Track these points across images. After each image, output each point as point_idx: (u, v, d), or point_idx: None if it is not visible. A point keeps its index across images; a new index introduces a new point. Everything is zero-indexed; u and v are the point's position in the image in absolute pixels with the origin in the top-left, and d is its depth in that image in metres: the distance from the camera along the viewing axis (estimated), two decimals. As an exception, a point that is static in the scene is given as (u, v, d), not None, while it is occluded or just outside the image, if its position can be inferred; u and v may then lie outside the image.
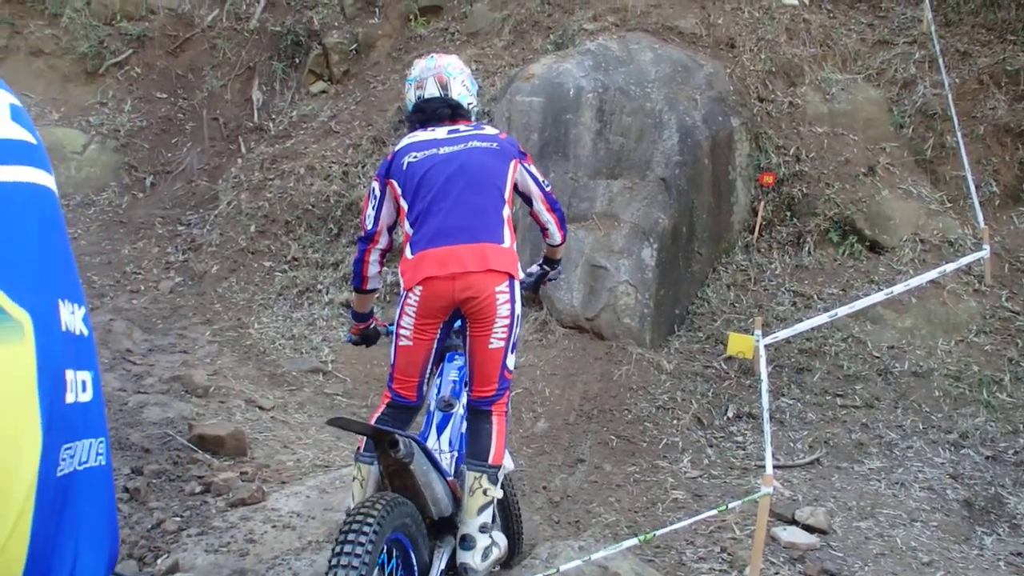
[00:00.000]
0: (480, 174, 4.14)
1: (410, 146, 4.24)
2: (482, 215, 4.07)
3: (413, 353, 4.10)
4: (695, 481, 7.01)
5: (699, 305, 9.38)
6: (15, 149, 1.20)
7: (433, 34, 13.11)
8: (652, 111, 9.56)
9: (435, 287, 3.97)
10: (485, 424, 4.11)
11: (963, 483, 6.99)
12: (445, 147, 4.19)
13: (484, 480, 4.02)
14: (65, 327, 1.12)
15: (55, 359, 1.10)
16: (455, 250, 3.97)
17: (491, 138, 4.28)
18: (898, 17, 12.02)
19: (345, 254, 10.12)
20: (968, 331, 8.77)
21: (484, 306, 3.98)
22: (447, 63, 4.47)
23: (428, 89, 4.40)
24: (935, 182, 10.30)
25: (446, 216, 4.02)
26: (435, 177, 4.10)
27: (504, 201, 4.18)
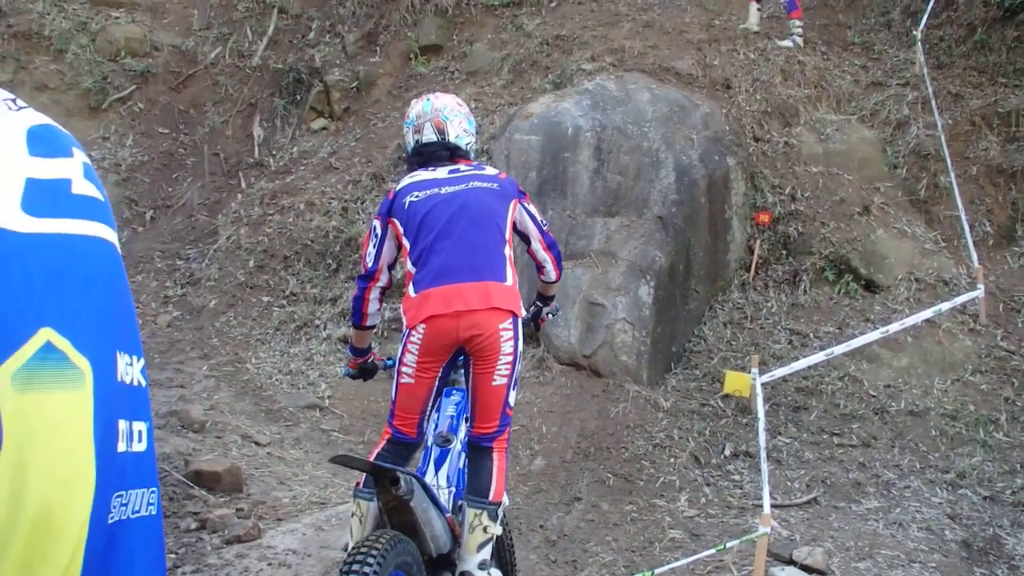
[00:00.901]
0: (481, 213, 4.17)
1: (411, 186, 4.28)
2: (485, 253, 4.11)
3: (415, 390, 4.11)
4: (692, 520, 7.01)
5: (696, 343, 9.41)
6: (87, 205, 1.27)
7: (433, 72, 13.22)
8: (649, 150, 9.65)
9: (439, 325, 3.99)
10: (486, 461, 4.11)
11: (961, 523, 6.99)
12: (446, 187, 4.22)
13: (484, 517, 4.01)
14: (121, 378, 1.15)
15: (110, 408, 1.14)
16: (459, 288, 4.00)
17: (491, 178, 4.33)
18: (891, 59, 12.15)
19: (343, 289, 10.15)
20: (964, 370, 8.80)
21: (488, 344, 4.00)
22: (443, 106, 4.48)
23: (425, 134, 4.43)
24: (929, 222, 10.37)
25: (449, 255, 4.05)
26: (437, 216, 4.13)
27: (505, 240, 4.21)
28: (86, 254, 1.21)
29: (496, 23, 13.73)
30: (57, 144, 1.34)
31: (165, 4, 14.56)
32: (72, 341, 1.14)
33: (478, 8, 13.95)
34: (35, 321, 1.12)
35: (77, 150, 1.32)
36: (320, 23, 14.25)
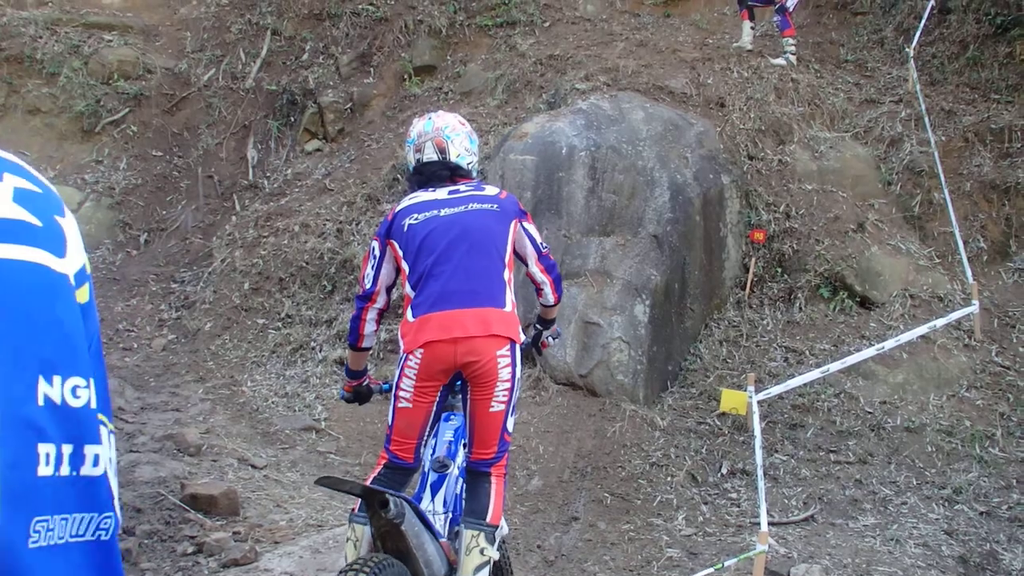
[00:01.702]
0: (482, 237, 4.15)
1: (411, 207, 4.25)
2: (484, 279, 4.09)
3: (412, 415, 4.08)
4: (690, 539, 7.00)
5: (692, 361, 9.41)
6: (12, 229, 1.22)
7: (427, 93, 13.26)
8: (644, 169, 9.67)
9: (436, 351, 3.97)
10: (484, 484, 4.10)
11: (958, 539, 6.99)
12: (446, 208, 4.20)
13: (482, 539, 3.98)
14: (45, 400, 1.13)
15: (22, 430, 1.11)
16: (457, 314, 3.99)
17: (491, 199, 4.30)
18: (884, 77, 12.22)
19: (339, 311, 10.15)
20: (959, 386, 8.81)
21: (486, 370, 3.98)
22: (444, 124, 4.44)
23: (426, 153, 4.38)
24: (923, 238, 10.40)
25: (448, 280, 4.04)
26: (436, 240, 4.10)
27: (504, 264, 4.20)
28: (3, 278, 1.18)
29: (490, 43, 13.79)
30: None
31: (158, 27, 14.61)
32: None
33: (472, 28, 14.02)
34: None
35: (8, 174, 1.30)
36: (314, 45, 14.28)
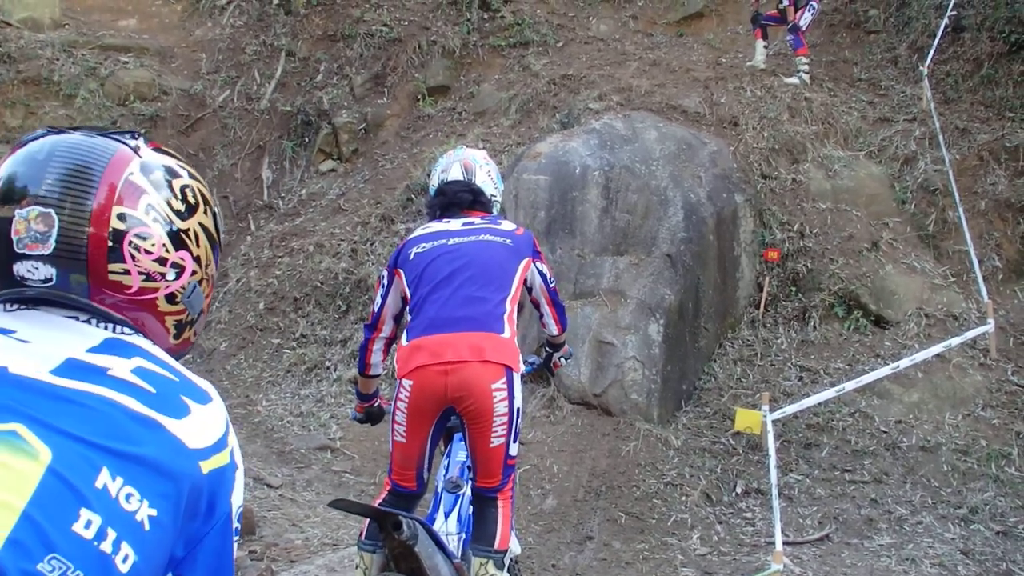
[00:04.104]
0: (486, 269, 4.06)
1: (420, 237, 4.22)
2: (482, 306, 3.97)
3: (407, 450, 4.02)
4: (705, 559, 6.98)
5: (706, 380, 9.39)
6: (125, 386, 1.41)
7: (441, 113, 13.32)
8: (657, 188, 9.69)
9: (426, 379, 3.85)
10: (491, 509, 4.01)
11: (974, 559, 6.95)
12: (455, 238, 4.15)
13: (490, 566, 3.92)
14: (103, 487, 1.26)
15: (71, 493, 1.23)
16: (450, 338, 3.87)
17: (506, 234, 4.22)
18: (898, 95, 12.22)
19: (353, 331, 10.18)
20: (975, 405, 8.77)
21: (478, 407, 3.84)
22: (474, 154, 4.50)
23: (452, 173, 4.40)
24: (938, 257, 10.38)
25: (443, 305, 3.95)
26: (439, 267, 4.05)
27: (507, 295, 4.07)
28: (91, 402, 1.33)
29: (503, 63, 13.85)
30: None
31: (173, 48, 14.71)
32: (38, 435, 1.24)
33: (485, 49, 14.09)
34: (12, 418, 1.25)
35: (139, 358, 1.50)
36: (328, 66, 14.37)
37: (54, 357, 1.38)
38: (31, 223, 1.45)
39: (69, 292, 1.48)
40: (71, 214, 1.46)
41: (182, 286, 1.61)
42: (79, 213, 1.46)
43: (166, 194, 1.58)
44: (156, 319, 1.60)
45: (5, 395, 1.29)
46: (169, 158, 1.65)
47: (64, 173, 1.48)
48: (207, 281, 1.68)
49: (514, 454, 4.01)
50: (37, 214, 1.45)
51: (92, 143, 1.54)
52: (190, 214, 1.61)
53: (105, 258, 1.49)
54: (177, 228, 1.58)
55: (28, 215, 1.45)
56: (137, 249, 1.52)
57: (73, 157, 1.50)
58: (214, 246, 1.69)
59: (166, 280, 1.57)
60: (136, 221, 1.52)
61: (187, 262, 1.60)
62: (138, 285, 1.53)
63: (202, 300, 1.69)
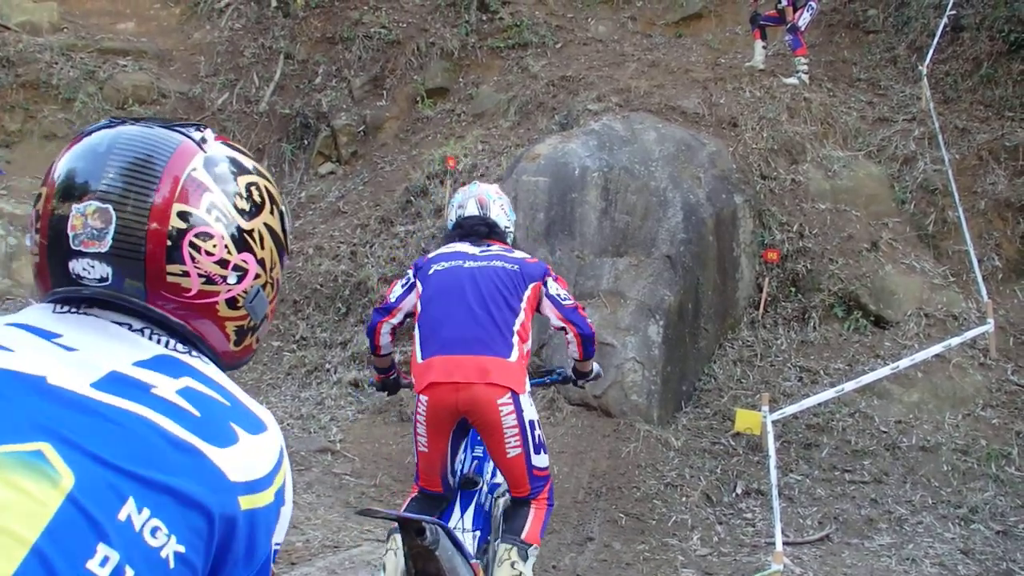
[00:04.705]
0: (495, 291, 4.30)
1: (441, 256, 4.51)
2: (491, 328, 4.20)
3: (430, 458, 4.29)
4: (705, 559, 6.98)
5: (706, 381, 9.39)
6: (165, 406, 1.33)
7: (440, 115, 13.34)
8: (656, 189, 9.69)
9: (439, 395, 4.13)
10: (524, 508, 4.30)
11: (974, 558, 6.95)
12: (470, 261, 4.41)
13: (514, 553, 4.15)
14: (126, 519, 1.18)
15: (90, 526, 1.15)
16: (459, 360, 4.13)
17: (516, 261, 4.47)
18: (897, 95, 12.23)
19: (353, 333, 10.18)
20: (975, 405, 8.77)
21: (488, 420, 4.12)
22: (487, 189, 4.76)
23: (468, 209, 4.65)
24: (938, 257, 10.38)
25: (455, 326, 4.21)
26: (452, 287, 4.32)
27: (516, 317, 4.30)
28: (128, 422, 1.26)
29: (502, 65, 13.87)
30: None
31: (172, 52, 14.74)
32: (64, 458, 1.17)
33: (484, 50, 14.11)
34: (40, 436, 1.19)
35: (189, 378, 1.40)
36: (326, 68, 14.39)
37: (98, 369, 1.31)
38: (88, 219, 1.39)
39: (124, 294, 1.42)
40: (130, 211, 1.40)
41: (244, 290, 1.53)
42: (138, 210, 1.40)
43: (231, 191, 1.51)
44: (215, 325, 1.52)
45: (38, 409, 1.22)
46: (236, 152, 1.58)
47: (123, 167, 1.42)
48: (271, 285, 1.60)
49: (541, 465, 4.29)
50: (94, 209, 1.39)
51: (154, 135, 1.48)
52: (255, 214, 1.54)
53: (164, 258, 1.42)
54: (241, 228, 1.51)
55: (85, 210, 1.39)
56: (197, 250, 1.45)
57: (133, 150, 1.44)
58: (280, 248, 1.61)
59: (227, 283, 1.50)
60: (198, 220, 1.45)
61: (250, 265, 1.53)
62: (197, 288, 1.46)
63: (266, 305, 1.61)
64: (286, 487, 1.43)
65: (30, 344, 1.33)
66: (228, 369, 1.57)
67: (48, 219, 1.42)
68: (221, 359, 1.55)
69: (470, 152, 11.76)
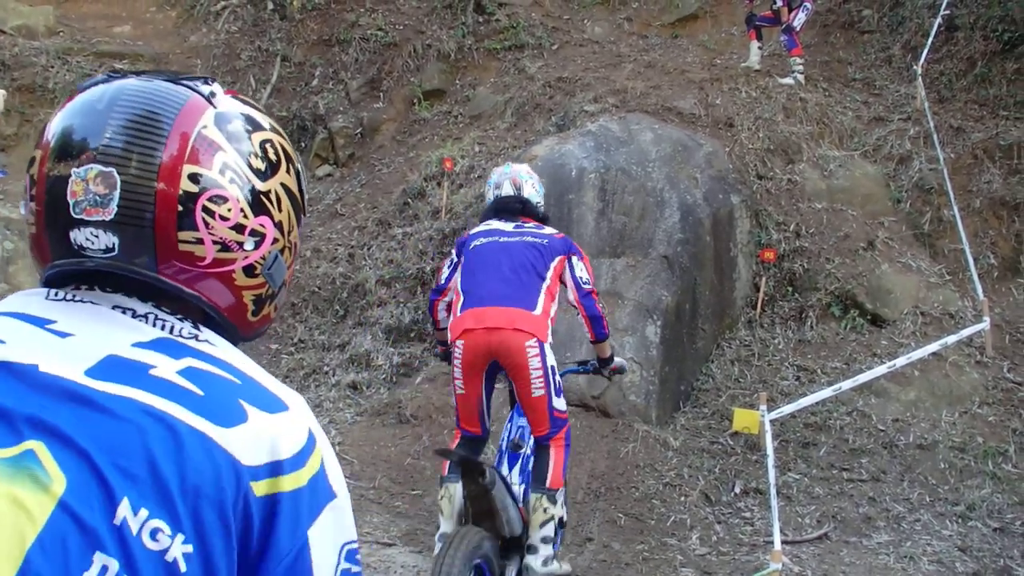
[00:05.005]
0: (524, 259, 5.07)
1: (480, 232, 5.32)
2: (518, 286, 4.97)
3: (467, 399, 5.10)
4: (704, 559, 7.01)
5: (704, 381, 9.42)
6: (167, 388, 1.21)
7: (437, 117, 13.36)
8: (653, 190, 9.72)
9: (472, 339, 4.92)
10: (544, 455, 5.06)
11: (972, 556, 6.98)
12: (505, 237, 5.20)
13: (544, 500, 4.99)
14: (123, 522, 1.09)
15: (84, 534, 1.07)
16: (490, 310, 4.92)
17: (545, 236, 5.24)
18: (892, 94, 12.27)
19: (351, 336, 10.20)
20: (971, 403, 8.81)
21: (516, 362, 4.88)
22: (520, 169, 5.53)
23: (504, 189, 5.42)
24: (934, 255, 10.42)
25: (487, 284, 5.01)
26: (488, 257, 5.12)
27: (542, 280, 5.05)
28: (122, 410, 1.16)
29: (499, 66, 13.90)
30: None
31: (168, 55, 14.73)
32: (56, 457, 1.09)
33: (480, 52, 14.13)
34: (31, 434, 1.10)
35: (192, 358, 1.28)
36: (323, 70, 14.41)
37: (94, 354, 1.21)
38: (90, 184, 1.26)
39: (132, 265, 1.29)
40: (135, 174, 1.27)
41: (262, 256, 1.40)
42: (145, 173, 1.27)
43: (245, 150, 1.38)
44: (232, 294, 1.39)
45: (29, 402, 1.13)
46: (248, 107, 1.46)
47: (126, 126, 1.29)
48: (289, 249, 1.47)
49: (560, 407, 5.06)
50: (96, 174, 1.26)
51: (159, 89, 1.34)
52: (271, 173, 1.41)
53: (175, 225, 1.29)
54: (257, 190, 1.38)
55: (86, 175, 1.27)
56: (211, 215, 1.32)
57: (137, 106, 1.30)
58: (297, 209, 1.48)
59: (244, 250, 1.37)
60: (211, 182, 1.32)
61: (268, 229, 1.40)
62: (212, 256, 1.33)
63: (284, 271, 1.48)
64: (328, 475, 1.29)
65: (22, 333, 1.24)
66: (246, 340, 1.48)
67: (45, 185, 1.30)
68: (238, 330, 1.44)
69: (467, 154, 11.79)
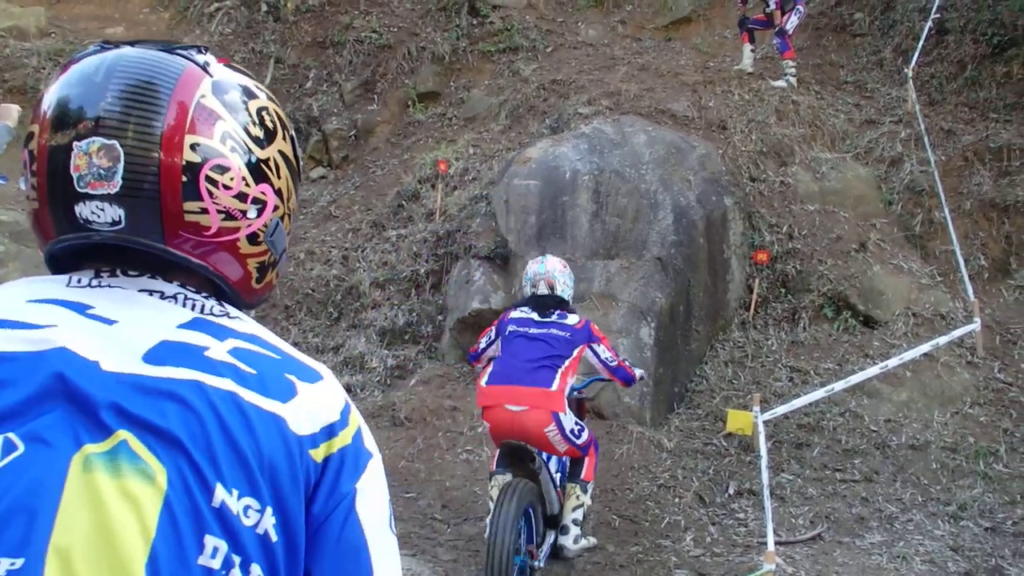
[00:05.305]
0: (549, 350, 5.85)
1: (515, 320, 6.09)
2: (538, 371, 5.76)
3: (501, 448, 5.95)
4: (698, 560, 7.04)
5: (698, 383, 9.47)
6: (224, 368, 1.25)
7: (431, 119, 13.39)
8: (647, 192, 9.76)
9: (493, 417, 5.78)
10: (581, 461, 6.16)
11: (964, 555, 7.03)
12: (534, 328, 5.98)
13: (577, 489, 6.13)
14: (221, 504, 1.14)
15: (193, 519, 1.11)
16: (507, 389, 5.74)
17: (568, 328, 6.00)
18: (883, 97, 12.33)
19: (345, 338, 10.22)
20: (963, 403, 8.87)
21: (537, 441, 5.72)
22: (553, 268, 6.27)
23: (540, 289, 6.19)
24: (925, 257, 10.49)
25: (509, 366, 5.83)
26: (518, 343, 5.93)
27: (560, 366, 5.83)
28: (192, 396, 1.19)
29: (493, 69, 13.93)
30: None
31: (163, 57, 14.72)
32: (148, 447, 1.13)
33: (475, 54, 14.17)
34: (117, 424, 1.13)
35: (234, 339, 1.32)
36: (317, 72, 14.43)
37: (145, 340, 1.24)
38: (93, 157, 1.26)
39: (140, 236, 1.30)
40: (138, 146, 1.27)
41: (264, 224, 1.41)
42: (147, 144, 1.27)
43: (243, 119, 1.38)
44: (238, 262, 1.40)
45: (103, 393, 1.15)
46: (241, 75, 1.44)
47: (126, 96, 1.29)
48: (289, 216, 1.49)
49: (582, 442, 5.94)
50: (99, 147, 1.26)
51: (155, 58, 1.33)
52: (269, 141, 1.41)
53: (180, 195, 1.30)
54: (257, 158, 1.38)
55: (89, 148, 1.26)
56: (215, 184, 1.33)
57: (135, 76, 1.30)
58: (294, 176, 1.49)
59: (247, 218, 1.38)
60: (212, 151, 1.32)
61: (269, 196, 1.41)
62: (217, 225, 1.34)
63: (285, 238, 1.49)
64: (364, 435, 1.36)
65: (70, 319, 1.24)
66: (249, 308, 1.51)
67: (46, 158, 1.30)
68: (243, 297, 1.47)
69: (461, 156, 11.82)
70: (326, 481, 1.26)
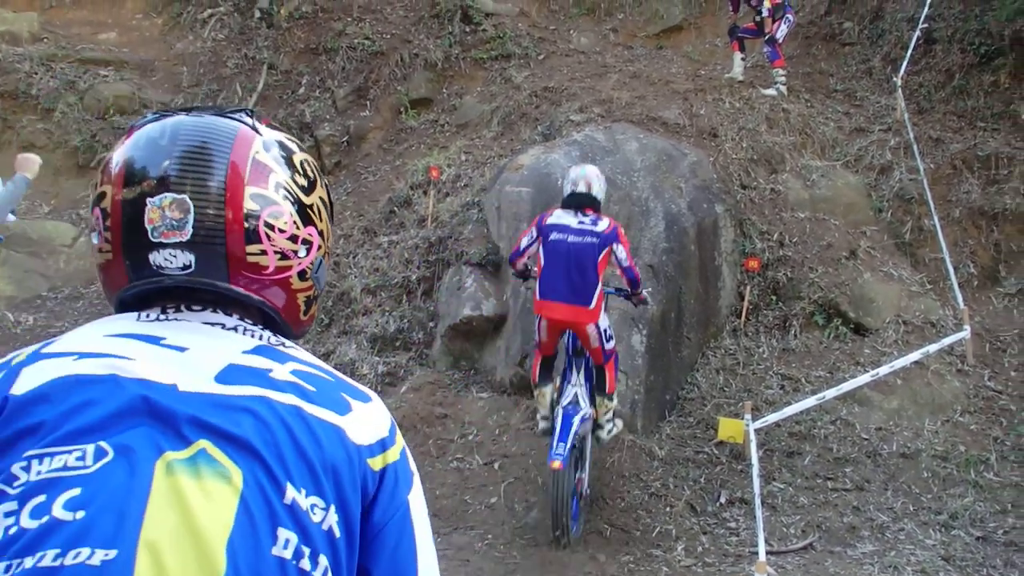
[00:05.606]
0: (585, 257, 6.90)
1: (556, 225, 7.02)
2: (580, 287, 6.88)
3: (546, 346, 7.30)
4: (690, 570, 7.05)
5: (689, 390, 9.47)
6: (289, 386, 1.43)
7: (424, 126, 13.39)
8: (638, 199, 9.77)
9: (551, 320, 7.04)
10: (602, 374, 7.32)
11: (955, 565, 7.05)
12: (572, 236, 6.93)
13: (606, 400, 7.35)
14: (292, 501, 1.28)
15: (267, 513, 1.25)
16: (561, 306, 6.93)
17: (598, 234, 6.95)
18: (873, 106, 12.39)
19: (336, 344, 10.20)
20: (953, 411, 8.90)
21: (580, 333, 7.09)
22: (591, 173, 7.28)
23: (580, 187, 7.11)
24: (915, 264, 10.53)
25: (559, 279, 6.91)
26: (559, 256, 6.93)
27: (597, 273, 6.91)
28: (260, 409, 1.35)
29: (485, 76, 13.95)
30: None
31: (154, 62, 14.73)
32: (225, 453, 1.27)
33: (467, 61, 14.18)
34: (197, 435, 1.28)
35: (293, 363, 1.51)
36: (310, 78, 14.42)
37: (215, 364, 1.41)
38: (166, 211, 1.45)
39: (207, 278, 1.49)
40: (205, 198, 1.46)
41: (312, 262, 1.61)
42: (214, 197, 1.47)
43: (290, 170, 1.58)
44: (289, 297, 1.60)
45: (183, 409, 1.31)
46: (281, 133, 1.65)
47: (190, 156, 1.48)
48: (328, 254, 1.69)
49: (609, 347, 7.21)
50: (171, 201, 1.45)
51: (213, 124, 1.54)
52: (312, 188, 1.62)
53: (243, 240, 1.49)
54: (303, 203, 1.59)
55: (162, 203, 1.45)
56: (271, 228, 1.52)
57: (196, 139, 1.50)
58: (330, 218, 1.69)
59: (298, 257, 1.58)
60: (268, 200, 1.52)
61: (314, 237, 1.61)
62: (274, 265, 1.53)
63: (326, 274, 1.70)
64: (408, 454, 1.54)
65: (144, 350, 1.40)
66: (295, 339, 1.66)
67: (120, 213, 1.48)
68: (292, 329, 1.65)
69: (454, 162, 11.83)
70: (385, 491, 1.44)
